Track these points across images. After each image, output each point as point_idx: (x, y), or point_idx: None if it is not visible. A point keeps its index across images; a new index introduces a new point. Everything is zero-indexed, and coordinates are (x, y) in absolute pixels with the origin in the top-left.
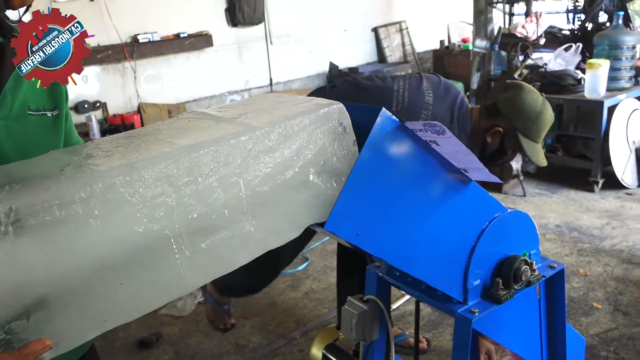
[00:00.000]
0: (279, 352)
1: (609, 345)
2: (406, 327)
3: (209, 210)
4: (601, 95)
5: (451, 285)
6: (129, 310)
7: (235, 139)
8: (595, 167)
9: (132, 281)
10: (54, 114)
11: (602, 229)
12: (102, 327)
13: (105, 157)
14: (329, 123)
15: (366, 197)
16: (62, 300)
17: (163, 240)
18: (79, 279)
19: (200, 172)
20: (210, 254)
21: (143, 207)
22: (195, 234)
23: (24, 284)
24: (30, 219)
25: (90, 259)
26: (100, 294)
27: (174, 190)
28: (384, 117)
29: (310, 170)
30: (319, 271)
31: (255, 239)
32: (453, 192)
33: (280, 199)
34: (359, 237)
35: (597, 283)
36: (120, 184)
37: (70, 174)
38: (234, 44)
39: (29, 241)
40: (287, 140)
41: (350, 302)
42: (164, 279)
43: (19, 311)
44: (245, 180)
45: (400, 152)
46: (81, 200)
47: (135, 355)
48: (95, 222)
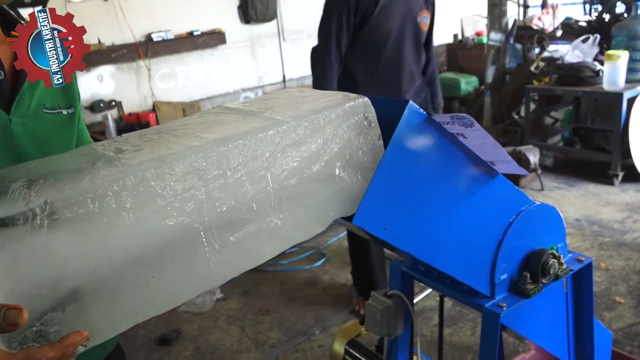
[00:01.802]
0: (298, 347)
1: (633, 340)
2: (426, 322)
3: (237, 203)
4: (620, 87)
5: (478, 279)
6: (160, 303)
7: (263, 132)
8: (615, 160)
9: (163, 274)
10: (69, 112)
11: (622, 222)
12: (134, 319)
13: (135, 151)
14: (354, 117)
15: (393, 191)
16: (95, 292)
17: (193, 233)
18: (112, 272)
19: (228, 165)
20: (239, 248)
21: (174, 200)
22: (224, 227)
23: (59, 276)
24: (65, 212)
25: (122, 252)
26: (132, 287)
27: (204, 183)
28: (411, 110)
29: (336, 164)
30: (337, 267)
31: (282, 233)
32: (480, 185)
33: (307, 193)
34: (386, 232)
35: (620, 277)
36: (152, 177)
37: (103, 168)
38: (247, 41)
39: (63, 234)
40: (313, 134)
41: (374, 297)
42: (194, 271)
43: (54, 303)
44: (272, 174)
45: (427, 145)
46: (114, 193)
47: (155, 352)
48: (128, 215)
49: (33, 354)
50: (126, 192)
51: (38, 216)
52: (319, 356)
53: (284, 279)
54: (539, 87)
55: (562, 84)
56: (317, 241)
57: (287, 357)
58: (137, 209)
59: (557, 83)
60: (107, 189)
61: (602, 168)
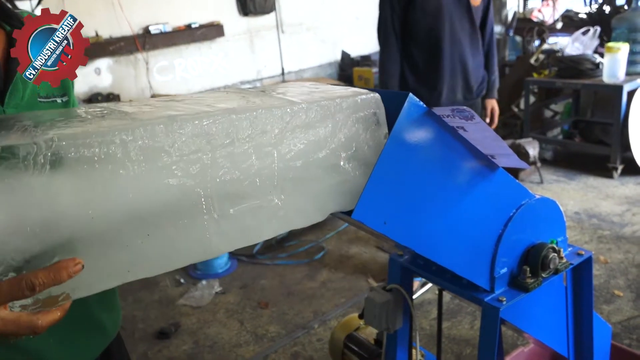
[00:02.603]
0: (297, 341)
1: (632, 332)
2: (425, 316)
3: (241, 175)
4: (620, 79)
5: (478, 273)
6: (152, 264)
7: (275, 108)
8: (614, 153)
9: (160, 234)
10: (63, 100)
11: (622, 215)
12: (124, 276)
13: (147, 110)
14: (365, 111)
15: (393, 185)
16: (89, 243)
17: (194, 198)
18: (109, 223)
19: (237, 135)
20: (237, 222)
21: (179, 160)
22: (225, 197)
23: (54, 220)
24: (71, 152)
25: (122, 204)
26: (126, 242)
27: (211, 149)
28: (411, 103)
29: (341, 155)
30: (336, 260)
31: (281, 215)
32: (480, 179)
33: (310, 178)
34: (386, 226)
35: (618, 270)
36: (161, 132)
37: (112, 119)
38: (246, 33)
39: (65, 177)
40: (323, 119)
41: (373, 292)
42: (190, 239)
43: (44, 248)
44: (279, 152)
45: (427, 138)
46: (121, 142)
47: (154, 346)
48: (132, 167)
49: (21, 277)
50: (133, 143)
51: (42, 152)
52: (317, 350)
53: (283, 272)
54: (538, 80)
55: (562, 76)
56: (316, 235)
57: (285, 350)
58: (142, 162)
59: (556, 76)
60: (115, 137)
61: (602, 161)
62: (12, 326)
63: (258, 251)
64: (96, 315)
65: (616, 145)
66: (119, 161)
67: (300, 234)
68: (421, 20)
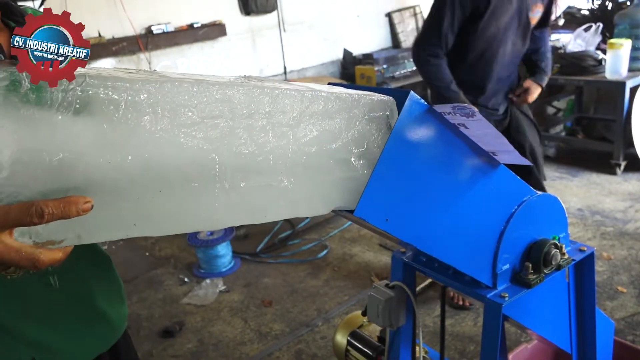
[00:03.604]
0: (301, 339)
1: (635, 329)
2: (428, 313)
3: (256, 150)
4: (623, 75)
5: (480, 270)
6: (158, 223)
7: (296, 91)
8: (617, 149)
9: (171, 193)
10: None
11: (625, 212)
12: (129, 230)
13: (176, 76)
14: (379, 112)
15: (395, 182)
16: (102, 188)
17: (209, 163)
18: (124, 173)
19: (258, 110)
20: (245, 197)
21: (201, 122)
22: (239, 169)
23: (72, 160)
24: (99, 92)
25: (139, 156)
26: (138, 194)
27: (232, 117)
28: (412, 100)
29: (353, 151)
30: (339, 259)
31: (288, 199)
32: (482, 176)
33: (320, 168)
34: (388, 223)
35: (622, 267)
36: (188, 91)
37: (142, 74)
38: (248, 32)
39: (89, 119)
40: (340, 111)
41: (376, 289)
42: (199, 204)
43: (59, 186)
44: (295, 135)
45: (428, 136)
46: (149, 93)
47: (159, 345)
48: (155, 121)
49: (31, 202)
50: (160, 96)
51: (71, 90)
52: (321, 347)
53: (286, 271)
54: None
55: (565, 73)
56: (319, 233)
57: (289, 348)
58: (166, 118)
59: (559, 72)
60: (144, 86)
61: (605, 158)
62: (14, 254)
63: (261, 250)
64: (102, 307)
65: (619, 142)
66: (144, 112)
67: (303, 233)
68: (477, 42)
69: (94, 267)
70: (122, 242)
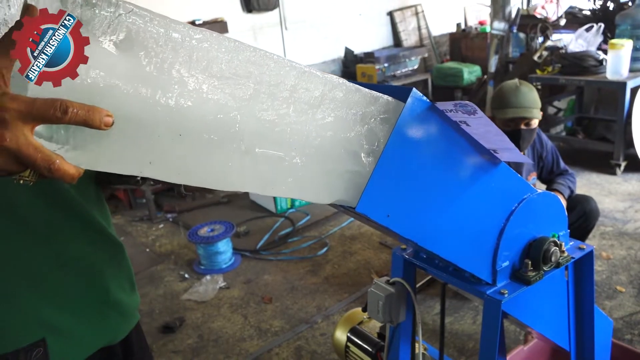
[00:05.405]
0: (301, 335)
1: (634, 328)
2: (427, 311)
3: (276, 119)
4: (624, 76)
5: (480, 266)
6: (171, 170)
7: (320, 73)
8: (618, 150)
9: (189, 140)
10: None
11: (625, 212)
12: (144, 167)
13: None
14: (389, 114)
15: (396, 178)
16: (127, 119)
17: (230, 120)
18: (150, 110)
19: (284, 81)
20: (257, 164)
21: (229, 77)
22: (257, 134)
23: (104, 87)
24: (141, 26)
25: (167, 97)
26: (159, 133)
27: (259, 81)
28: (415, 97)
29: (364, 145)
30: (339, 256)
31: (297, 177)
32: (483, 174)
33: (331, 155)
34: (389, 219)
35: (621, 266)
36: (224, 45)
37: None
38: (249, 30)
39: (127, 51)
40: (358, 103)
41: (376, 285)
42: (213, 159)
43: None
44: (313, 115)
45: (430, 132)
46: (188, 37)
47: (159, 340)
48: (189, 66)
49: (57, 98)
50: (196, 43)
51: (119, 15)
52: (321, 344)
53: (286, 268)
54: (542, 77)
55: (565, 73)
56: (319, 231)
57: (289, 345)
58: (199, 66)
59: (560, 72)
60: (181, 30)
61: (605, 158)
62: (33, 150)
63: (261, 247)
64: (115, 295)
65: (619, 142)
66: (178, 53)
67: (303, 231)
68: None
69: (107, 255)
70: (124, 238)
